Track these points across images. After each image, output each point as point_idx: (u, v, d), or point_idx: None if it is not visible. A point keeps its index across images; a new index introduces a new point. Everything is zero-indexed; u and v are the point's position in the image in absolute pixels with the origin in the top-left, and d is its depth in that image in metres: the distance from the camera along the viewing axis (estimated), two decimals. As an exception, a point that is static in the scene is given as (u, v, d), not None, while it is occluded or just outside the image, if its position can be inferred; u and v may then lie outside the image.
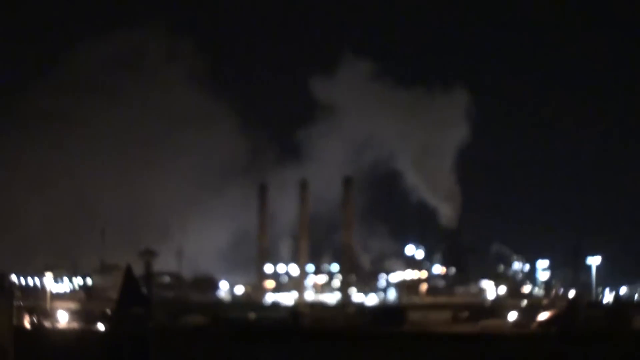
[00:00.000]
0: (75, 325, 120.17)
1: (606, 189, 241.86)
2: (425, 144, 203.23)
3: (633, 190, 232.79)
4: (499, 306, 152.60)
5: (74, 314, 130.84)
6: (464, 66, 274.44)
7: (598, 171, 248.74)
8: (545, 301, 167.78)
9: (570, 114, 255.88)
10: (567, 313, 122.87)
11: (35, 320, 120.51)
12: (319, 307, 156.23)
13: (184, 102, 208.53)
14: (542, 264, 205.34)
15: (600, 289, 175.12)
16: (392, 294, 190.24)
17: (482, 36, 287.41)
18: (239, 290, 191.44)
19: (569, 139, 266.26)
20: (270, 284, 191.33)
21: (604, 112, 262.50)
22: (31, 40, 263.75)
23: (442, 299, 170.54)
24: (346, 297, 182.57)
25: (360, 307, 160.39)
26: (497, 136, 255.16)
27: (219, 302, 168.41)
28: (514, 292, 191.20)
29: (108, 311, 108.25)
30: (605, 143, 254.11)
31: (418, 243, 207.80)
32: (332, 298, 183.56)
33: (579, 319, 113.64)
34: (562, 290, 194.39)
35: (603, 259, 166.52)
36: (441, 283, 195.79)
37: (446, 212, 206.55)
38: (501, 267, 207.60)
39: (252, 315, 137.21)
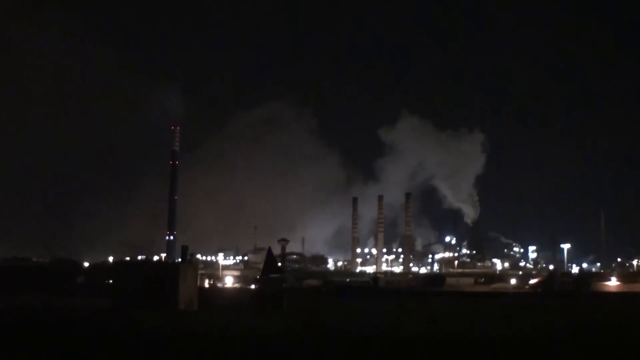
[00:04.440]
0: (237, 285, 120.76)
1: (572, 201, 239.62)
2: (455, 169, 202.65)
3: (590, 202, 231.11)
4: (504, 275, 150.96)
5: (236, 278, 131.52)
6: (481, 117, 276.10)
7: (565, 187, 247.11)
8: (533, 272, 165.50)
9: (551, 149, 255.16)
10: (548, 280, 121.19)
11: (211, 282, 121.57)
12: (389, 275, 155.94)
13: (304, 146, 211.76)
14: (532, 248, 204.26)
15: (569, 264, 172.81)
16: (435, 267, 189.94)
17: (494, 99, 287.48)
18: (340, 263, 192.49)
19: (548, 169, 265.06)
20: (359, 260, 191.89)
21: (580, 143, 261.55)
22: (214, 106, 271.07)
23: (467, 270, 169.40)
24: (407, 268, 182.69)
25: (416, 274, 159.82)
26: (502, 164, 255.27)
27: (327, 271, 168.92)
28: (514, 266, 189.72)
29: (258, 276, 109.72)
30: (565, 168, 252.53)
31: (452, 234, 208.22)
32: (397, 269, 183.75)
33: (556, 284, 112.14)
34: (545, 265, 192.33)
35: (571, 245, 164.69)
36: (467, 260, 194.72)
37: (469, 213, 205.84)
38: (505, 250, 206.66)
39: (347, 279, 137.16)
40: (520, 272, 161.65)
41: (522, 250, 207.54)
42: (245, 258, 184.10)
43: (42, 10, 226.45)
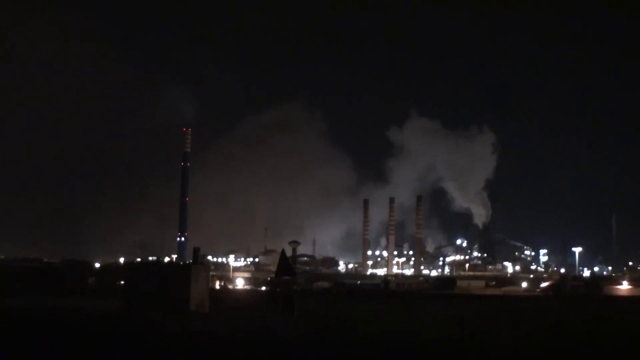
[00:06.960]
0: (247, 287, 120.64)
1: (584, 204, 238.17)
2: (465, 170, 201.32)
3: (603, 206, 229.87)
4: (515, 278, 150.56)
5: (247, 280, 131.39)
6: (492, 118, 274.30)
7: (577, 190, 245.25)
8: (545, 275, 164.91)
9: (563, 151, 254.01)
10: (559, 283, 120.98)
11: (222, 283, 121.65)
12: (400, 277, 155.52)
13: (315, 149, 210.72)
14: (543, 251, 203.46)
15: (581, 267, 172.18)
16: (446, 269, 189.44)
17: (505, 100, 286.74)
18: (350, 266, 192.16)
19: (560, 171, 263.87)
20: (369, 262, 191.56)
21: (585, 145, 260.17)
22: (225, 108, 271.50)
23: (478, 273, 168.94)
24: (418, 271, 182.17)
25: (427, 277, 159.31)
26: (513, 165, 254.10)
27: (338, 273, 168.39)
28: (525, 269, 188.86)
29: (269, 278, 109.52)
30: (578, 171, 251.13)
31: (463, 236, 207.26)
32: (408, 272, 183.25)
33: (567, 287, 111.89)
34: (556, 268, 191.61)
35: (583, 249, 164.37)
36: (478, 262, 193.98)
37: (479, 215, 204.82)
38: (516, 253, 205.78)
39: (358, 282, 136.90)
40: (532, 275, 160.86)
41: (533, 253, 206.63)
42: (256, 260, 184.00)
43: (53, 11, 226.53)
